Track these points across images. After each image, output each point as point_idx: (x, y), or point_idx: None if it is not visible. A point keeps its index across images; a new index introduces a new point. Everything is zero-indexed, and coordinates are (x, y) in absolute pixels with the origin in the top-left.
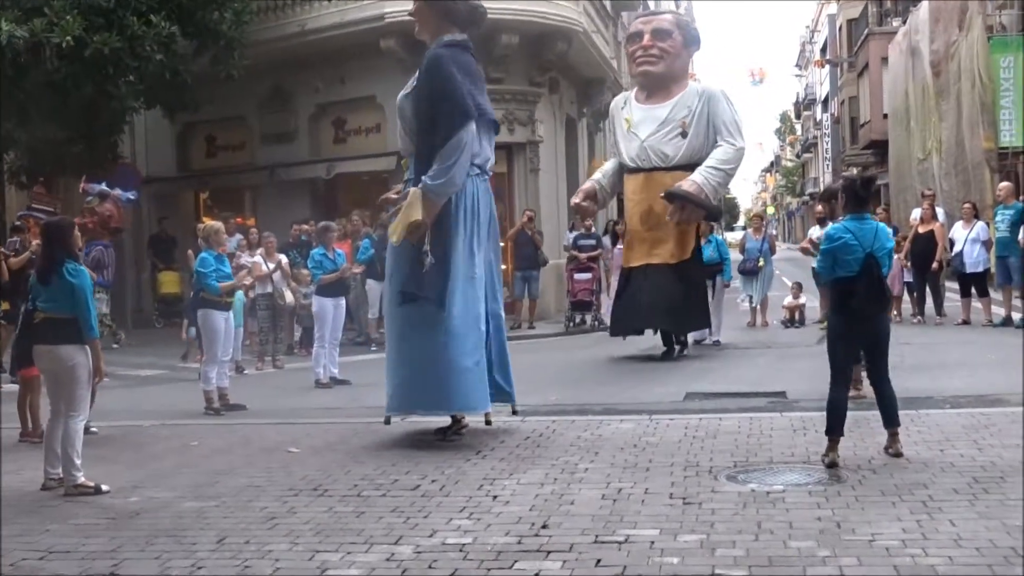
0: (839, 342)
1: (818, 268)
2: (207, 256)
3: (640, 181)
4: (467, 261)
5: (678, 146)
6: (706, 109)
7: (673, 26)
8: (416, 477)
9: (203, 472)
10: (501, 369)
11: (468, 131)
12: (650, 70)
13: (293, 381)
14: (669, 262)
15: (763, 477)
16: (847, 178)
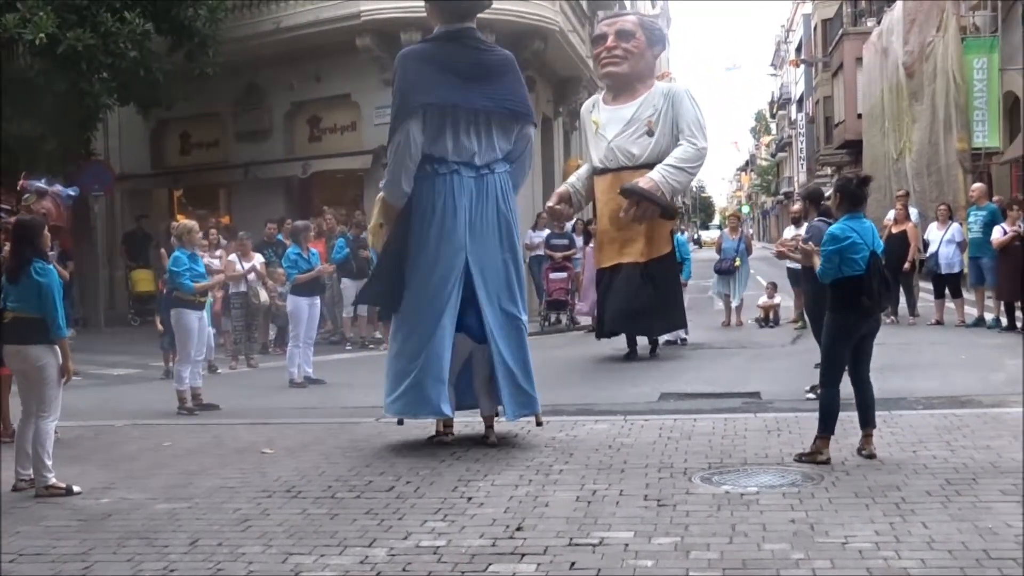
0: (840, 341)
1: (822, 271)
2: (180, 255)
3: (608, 181)
4: (426, 264)
5: (644, 145)
6: (671, 108)
7: (636, 27)
8: (390, 478)
9: (176, 473)
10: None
11: (401, 131)
12: (614, 71)
13: (267, 380)
14: (639, 260)
15: (737, 479)
16: (843, 178)
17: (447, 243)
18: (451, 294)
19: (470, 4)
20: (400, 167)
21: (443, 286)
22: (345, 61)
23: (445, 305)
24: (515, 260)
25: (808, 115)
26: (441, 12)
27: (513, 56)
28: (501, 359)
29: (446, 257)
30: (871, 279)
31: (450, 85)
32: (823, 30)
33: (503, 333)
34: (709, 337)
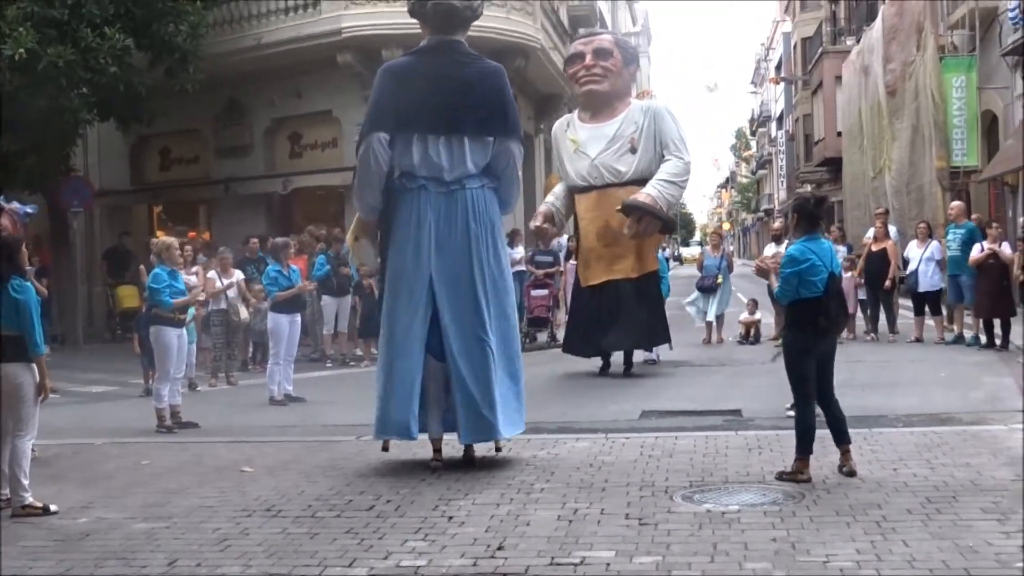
0: (802, 360)
1: (779, 292)
2: (160, 272)
3: (593, 199)
4: (393, 282)
5: (629, 162)
6: (653, 125)
7: (613, 46)
8: (371, 497)
9: (154, 492)
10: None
11: (364, 144)
12: (595, 88)
13: (247, 398)
14: (631, 276)
15: (718, 497)
16: (800, 197)
17: (412, 261)
18: (417, 313)
19: (455, 17)
20: (363, 180)
21: (408, 305)
22: (326, 77)
23: (411, 324)
24: (487, 280)
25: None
26: (427, 24)
27: (501, 68)
28: (461, 382)
29: (412, 275)
30: (829, 301)
31: (420, 100)
32: (803, 48)
33: (466, 355)
34: (690, 354)
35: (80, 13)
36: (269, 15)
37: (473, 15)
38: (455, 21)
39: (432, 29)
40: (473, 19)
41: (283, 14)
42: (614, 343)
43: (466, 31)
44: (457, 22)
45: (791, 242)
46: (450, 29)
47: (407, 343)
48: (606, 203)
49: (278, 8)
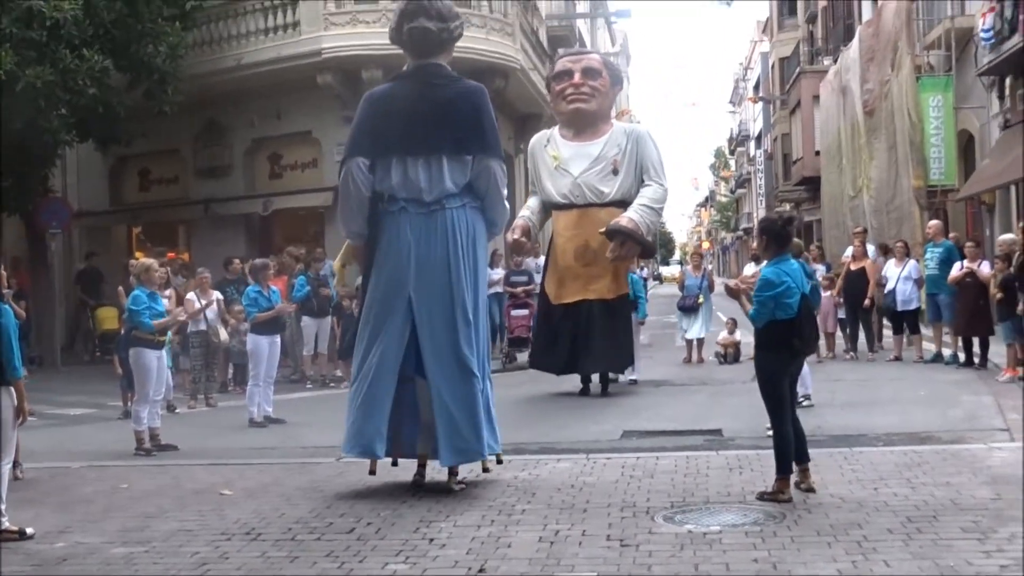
0: (777, 381)
1: (755, 314)
2: (139, 293)
3: (574, 217)
4: (372, 302)
5: (612, 183)
6: (635, 149)
7: (602, 66)
8: (351, 520)
9: (133, 516)
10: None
11: (344, 169)
12: (583, 107)
13: (226, 420)
14: (606, 297)
15: (700, 518)
16: (766, 220)
17: (391, 282)
18: (394, 334)
19: (430, 41)
20: (344, 205)
21: (385, 325)
22: (306, 98)
23: (387, 345)
24: (467, 300)
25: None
26: (406, 50)
27: (481, 88)
28: (442, 402)
29: (391, 295)
30: (802, 321)
31: (398, 123)
32: (781, 68)
33: (446, 376)
34: (670, 374)
35: (59, 34)
36: (249, 36)
37: (451, 37)
38: (431, 45)
39: (411, 54)
40: (451, 41)
41: (263, 35)
42: (591, 366)
43: (447, 54)
44: (434, 45)
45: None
46: (427, 53)
47: (381, 363)
48: (587, 222)
49: (258, 29)
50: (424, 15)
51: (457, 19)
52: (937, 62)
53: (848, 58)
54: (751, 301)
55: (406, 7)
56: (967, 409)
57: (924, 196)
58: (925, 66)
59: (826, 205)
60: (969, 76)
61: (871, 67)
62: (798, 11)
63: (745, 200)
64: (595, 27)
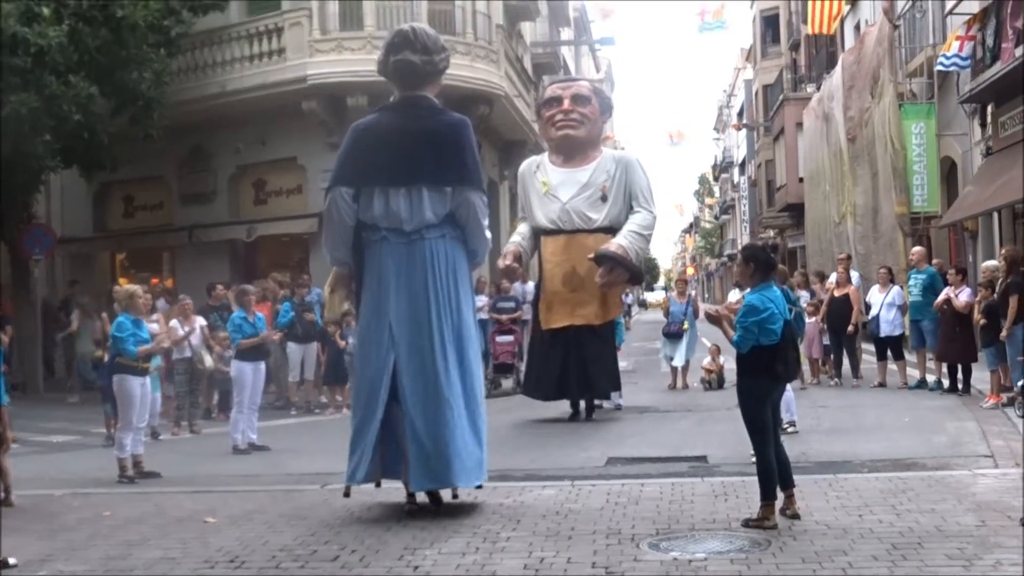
0: (759, 406)
1: (738, 340)
2: (124, 320)
3: (562, 243)
4: (360, 332)
5: (601, 210)
6: (624, 175)
7: (591, 93)
8: (336, 547)
9: (116, 544)
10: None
11: (328, 198)
12: (572, 134)
13: (210, 447)
14: (593, 323)
15: (685, 545)
16: (751, 247)
17: (375, 311)
18: (380, 362)
19: (415, 74)
20: (329, 233)
21: (372, 355)
22: (291, 124)
23: (375, 374)
24: (448, 328)
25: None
26: (392, 82)
27: (464, 120)
28: (413, 430)
29: (375, 325)
30: (785, 348)
31: (381, 154)
32: (764, 95)
33: (420, 404)
34: (655, 400)
35: (44, 61)
36: (234, 62)
37: (435, 70)
38: (416, 78)
39: (397, 86)
40: (436, 74)
41: (248, 62)
42: (580, 392)
43: (433, 86)
44: (418, 78)
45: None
46: (412, 85)
47: (368, 392)
48: (575, 248)
49: (243, 56)
50: (409, 48)
51: (442, 52)
52: (919, 89)
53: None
54: (733, 327)
55: (392, 40)
56: (951, 435)
57: (907, 222)
58: (907, 93)
59: (810, 231)
60: (951, 103)
61: (853, 94)
62: (781, 39)
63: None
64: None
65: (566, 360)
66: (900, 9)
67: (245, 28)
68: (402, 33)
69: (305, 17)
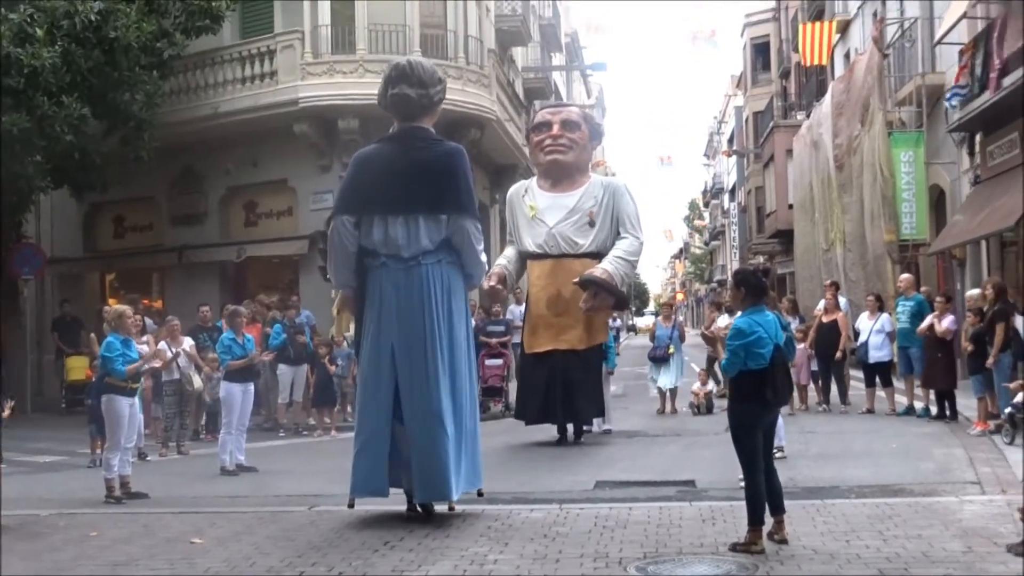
0: (750, 432)
1: (727, 364)
2: (113, 340)
3: (548, 267)
4: (363, 354)
5: (587, 235)
6: (612, 201)
7: (581, 119)
8: (323, 569)
9: (102, 564)
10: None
11: (332, 225)
12: (560, 159)
13: (198, 468)
14: (577, 348)
15: (673, 569)
16: (742, 271)
17: (376, 333)
18: (381, 384)
19: (411, 106)
20: (333, 258)
21: (374, 376)
22: (282, 147)
23: (376, 394)
24: (442, 351)
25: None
26: (391, 113)
27: (459, 150)
28: (416, 447)
29: (376, 346)
30: (775, 372)
31: (380, 183)
32: (754, 122)
33: (417, 424)
34: (644, 424)
35: (36, 82)
36: (226, 85)
37: (431, 103)
38: (412, 110)
39: (396, 118)
40: (432, 107)
41: (240, 84)
42: (564, 417)
43: (430, 117)
44: (415, 110)
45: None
46: (409, 117)
47: (375, 413)
48: (560, 272)
49: (235, 78)
50: (406, 82)
51: (439, 84)
52: (908, 118)
53: (820, 113)
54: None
55: (390, 73)
56: (939, 462)
57: (896, 250)
58: (897, 122)
59: (799, 258)
60: (940, 132)
61: (842, 122)
62: (772, 66)
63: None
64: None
65: (550, 384)
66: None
67: (237, 51)
68: (399, 67)
69: (297, 40)
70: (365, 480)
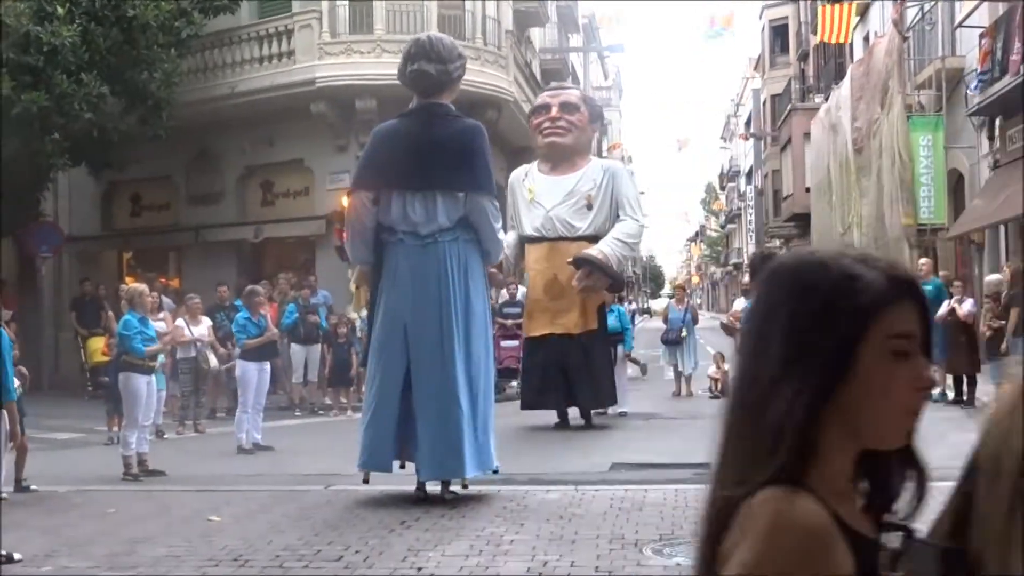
0: None
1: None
2: (131, 318)
3: (544, 250)
4: (380, 325)
5: (585, 218)
6: (611, 184)
7: (580, 101)
8: (339, 548)
9: (120, 541)
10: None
11: (352, 200)
12: (558, 141)
13: (215, 447)
14: (572, 332)
15: (688, 550)
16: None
17: (391, 310)
18: (394, 359)
19: (429, 82)
20: (351, 234)
21: (387, 351)
22: (299, 126)
23: (389, 369)
24: (457, 328)
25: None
26: (410, 89)
27: (477, 127)
28: (425, 423)
29: (390, 323)
30: None
31: (398, 159)
32: (772, 105)
33: (429, 400)
34: (660, 407)
35: (55, 60)
36: (243, 64)
37: (450, 79)
38: (431, 86)
39: (415, 93)
40: (451, 82)
41: (258, 63)
42: (560, 401)
43: (449, 93)
44: (433, 86)
45: None
46: (428, 93)
47: (387, 388)
48: (556, 256)
49: (252, 57)
50: (425, 58)
51: (458, 60)
52: (928, 102)
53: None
54: None
55: (410, 49)
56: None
57: (914, 234)
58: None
59: (816, 242)
60: (959, 116)
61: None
62: (790, 49)
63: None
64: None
65: (546, 368)
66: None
67: (255, 30)
68: (419, 43)
69: (315, 20)
70: (371, 455)
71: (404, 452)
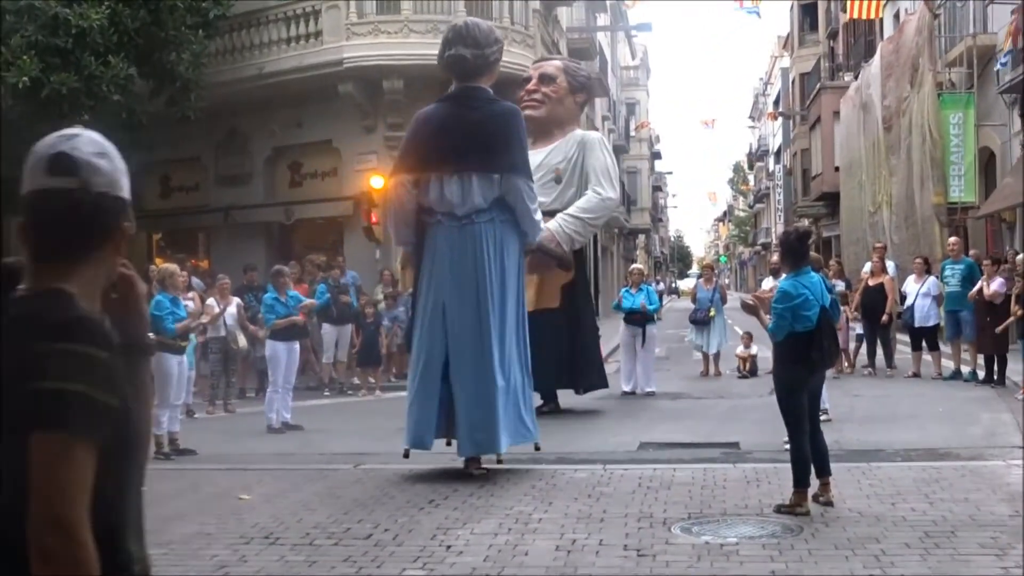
0: (795, 394)
1: (773, 327)
2: (162, 299)
3: None
4: (422, 306)
5: (551, 192)
6: (581, 156)
7: (559, 72)
8: (369, 526)
9: (152, 518)
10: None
11: (392, 184)
12: (531, 114)
13: (245, 426)
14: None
15: (717, 529)
16: (784, 234)
17: (429, 289)
18: (434, 338)
19: (466, 67)
20: (392, 217)
21: (427, 330)
22: (327, 107)
23: (430, 348)
24: (493, 306)
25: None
26: (448, 74)
27: (513, 109)
28: (462, 401)
29: (430, 303)
30: (821, 334)
31: (436, 143)
32: (801, 84)
33: (466, 378)
34: (688, 387)
35: (84, 42)
36: (271, 45)
37: (486, 63)
38: (468, 70)
39: (453, 78)
40: (487, 67)
41: (285, 44)
42: None
43: (488, 77)
44: (470, 71)
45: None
46: (466, 77)
47: (427, 366)
48: None
49: (280, 38)
50: (461, 43)
51: (495, 44)
52: (959, 79)
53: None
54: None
55: (447, 34)
56: (986, 426)
57: (944, 213)
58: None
59: (845, 221)
60: (991, 94)
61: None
62: (819, 27)
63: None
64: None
65: None
66: None
67: (283, 11)
68: (456, 28)
69: (342, 0)
70: (414, 432)
71: (450, 430)
